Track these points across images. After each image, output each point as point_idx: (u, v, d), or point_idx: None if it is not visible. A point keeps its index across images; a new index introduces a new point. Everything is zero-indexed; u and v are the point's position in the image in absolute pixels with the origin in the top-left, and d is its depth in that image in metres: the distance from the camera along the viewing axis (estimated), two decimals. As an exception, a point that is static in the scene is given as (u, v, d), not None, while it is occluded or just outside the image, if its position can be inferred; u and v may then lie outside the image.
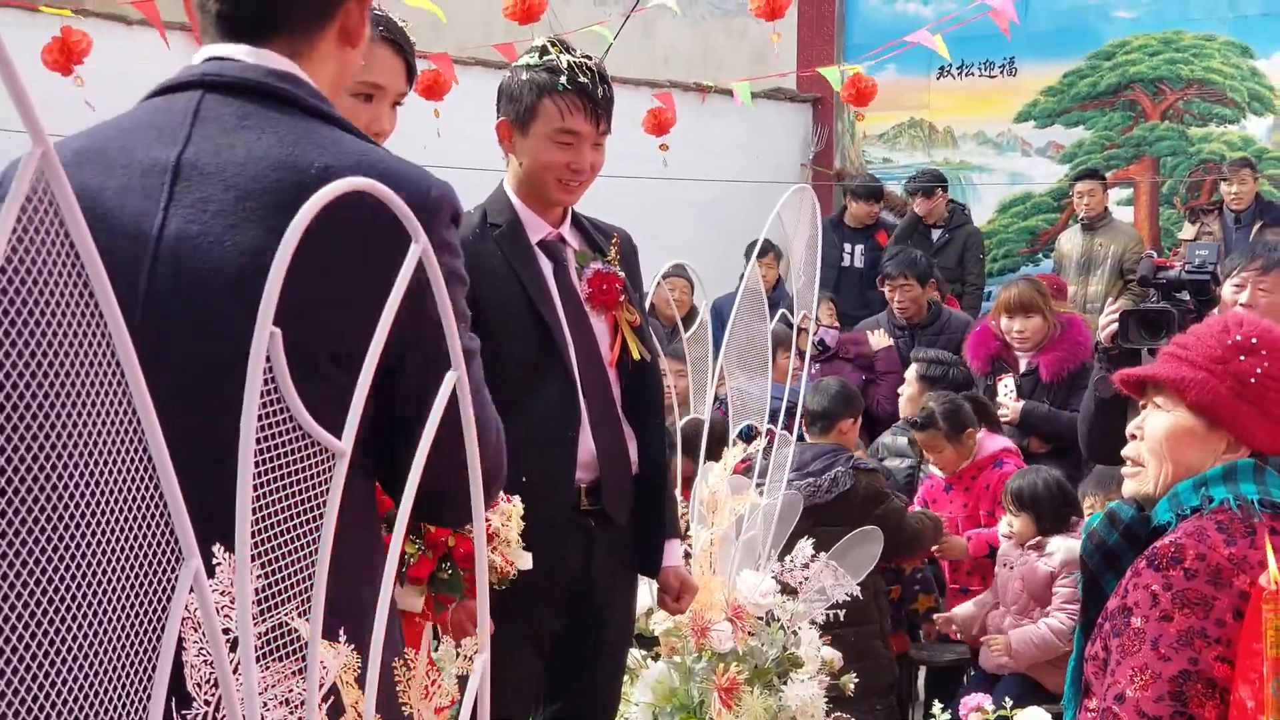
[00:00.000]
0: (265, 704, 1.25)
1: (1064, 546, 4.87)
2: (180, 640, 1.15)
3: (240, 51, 1.82)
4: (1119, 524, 2.40)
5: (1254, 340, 2.34)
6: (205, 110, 1.78)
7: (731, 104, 9.27)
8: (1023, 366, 6.24)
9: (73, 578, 1.22)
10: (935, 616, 5.48)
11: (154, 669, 1.13)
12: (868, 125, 10.91)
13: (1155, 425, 2.39)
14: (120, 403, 1.19)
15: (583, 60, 3.21)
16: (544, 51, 3.22)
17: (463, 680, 1.48)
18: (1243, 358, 2.32)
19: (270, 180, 1.72)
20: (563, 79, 3.14)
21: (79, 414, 1.17)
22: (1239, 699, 2.08)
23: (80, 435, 1.18)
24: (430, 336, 1.51)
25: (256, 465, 1.26)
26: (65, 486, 1.21)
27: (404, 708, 1.52)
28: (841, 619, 4.77)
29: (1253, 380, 2.30)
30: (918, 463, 5.92)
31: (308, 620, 1.24)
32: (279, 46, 1.83)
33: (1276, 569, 1.99)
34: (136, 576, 1.25)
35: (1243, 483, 2.25)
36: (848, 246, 9.58)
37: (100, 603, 1.22)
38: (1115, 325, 3.64)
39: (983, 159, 10.88)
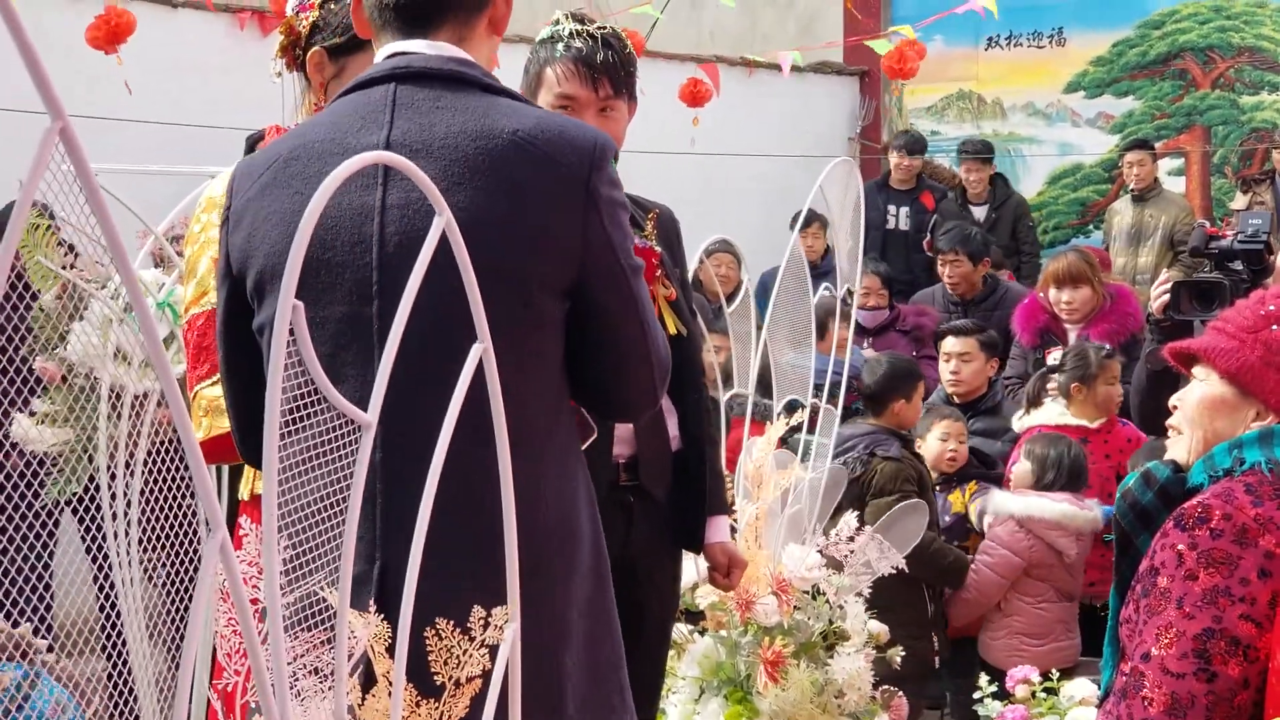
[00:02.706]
0: (294, 673, 1.26)
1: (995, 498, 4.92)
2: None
3: (420, 45, 2.11)
4: (1154, 484, 2.40)
5: None
6: (401, 98, 2.05)
7: (778, 78, 9.24)
8: (1072, 338, 6.17)
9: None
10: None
11: (183, 638, 1.14)
12: (915, 98, 10.84)
13: (1191, 394, 2.40)
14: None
15: (590, 28, 3.19)
16: (555, 24, 3.21)
17: (494, 650, 1.48)
18: (1275, 327, 2.32)
19: (471, 149, 1.99)
20: (560, 46, 3.13)
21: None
22: (1279, 664, 2.08)
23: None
24: (603, 261, 2.01)
25: (285, 436, 1.27)
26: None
27: (435, 676, 1.53)
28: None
29: None
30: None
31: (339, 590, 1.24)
32: (447, 35, 2.13)
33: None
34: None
35: (1277, 447, 2.24)
36: (892, 209, 9.47)
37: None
38: (1167, 297, 3.60)
39: (1032, 130, 10.78)
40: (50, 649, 4.52)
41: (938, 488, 5.26)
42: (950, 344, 5.89)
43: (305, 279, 1.77)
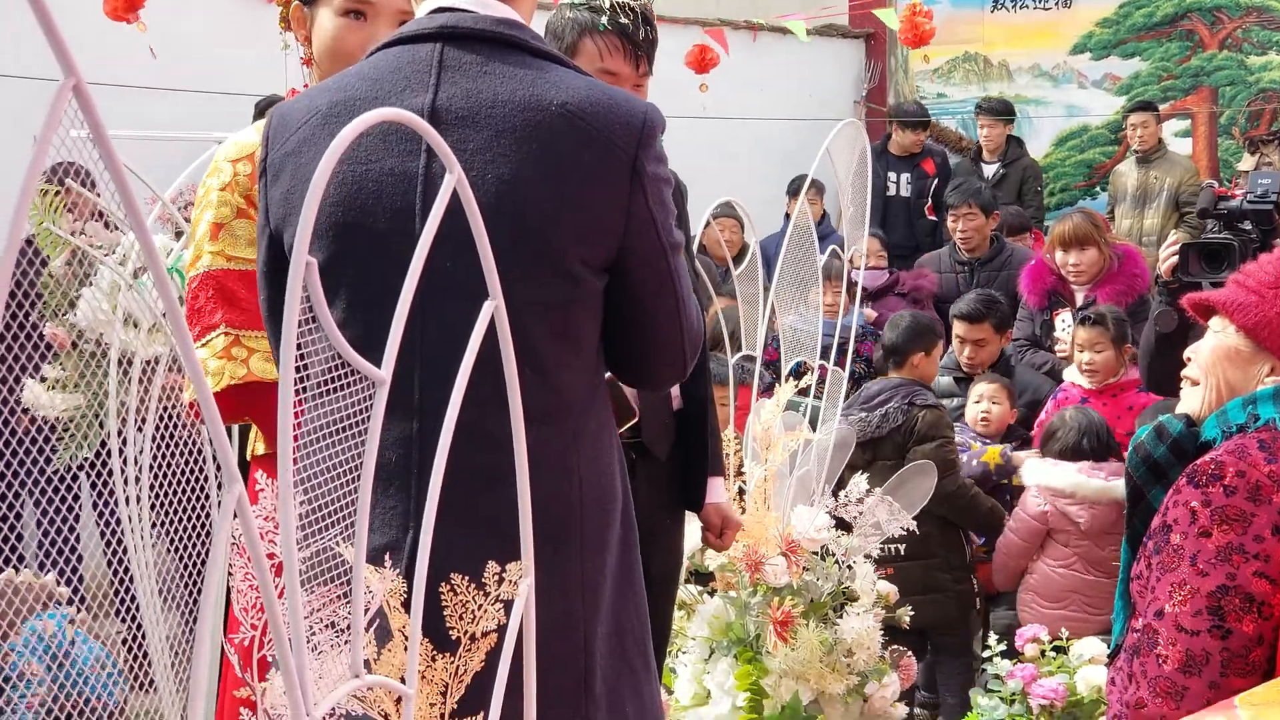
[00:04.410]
0: (311, 628, 1.26)
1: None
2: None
3: (468, 2, 2.05)
4: (1166, 438, 2.41)
5: None
6: (448, 59, 2.00)
7: (783, 41, 9.21)
8: (1080, 300, 6.17)
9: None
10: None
11: (200, 592, 1.15)
12: (922, 60, 10.80)
13: (1205, 344, 2.41)
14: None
15: (631, 1, 3.20)
16: None
17: (508, 606, 1.49)
18: None
19: (518, 120, 1.95)
20: (604, 19, 3.13)
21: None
22: None
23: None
24: (644, 239, 1.99)
25: (302, 391, 1.27)
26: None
27: (450, 632, 1.54)
28: (901, 553, 4.87)
29: None
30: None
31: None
32: None
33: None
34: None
35: None
36: (893, 175, 9.45)
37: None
38: (1175, 258, 3.59)
39: (1038, 92, 10.73)
40: (79, 608, 4.56)
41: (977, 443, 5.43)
42: (963, 329, 5.93)
43: (347, 246, 1.77)
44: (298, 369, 1.22)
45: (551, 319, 1.97)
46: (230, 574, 1.69)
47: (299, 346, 1.21)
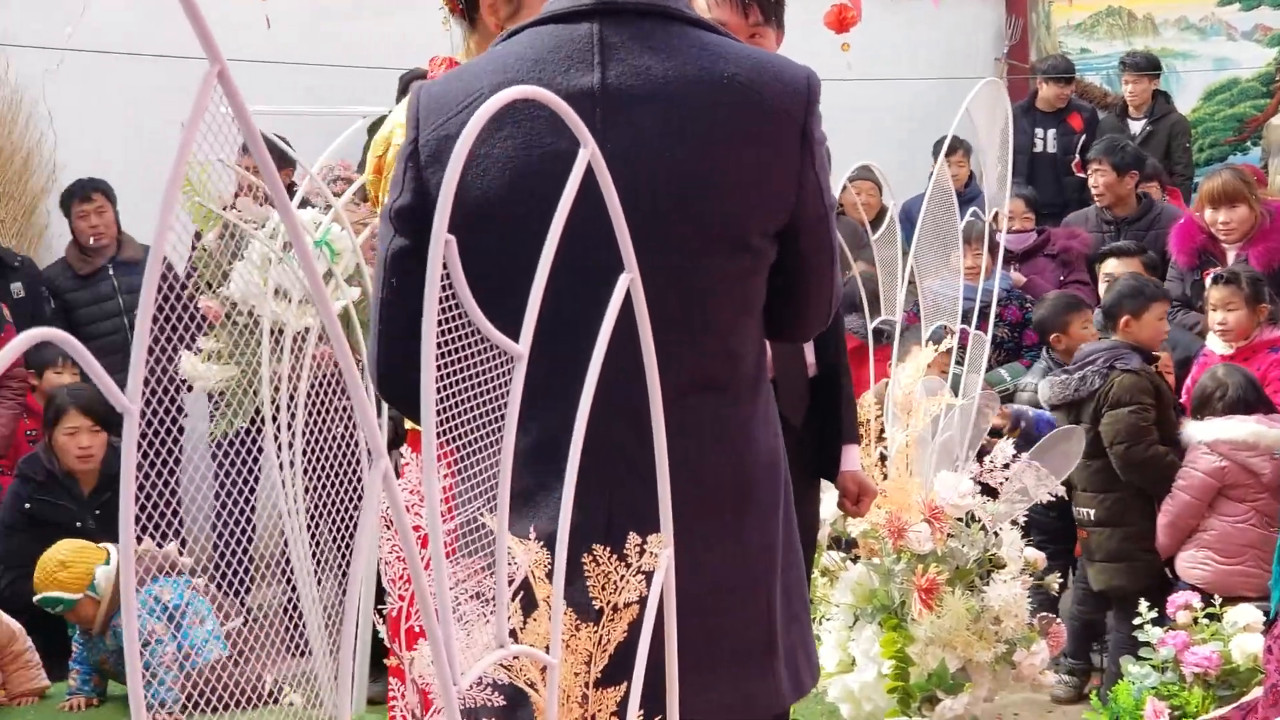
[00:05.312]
0: (457, 599, 1.29)
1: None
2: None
3: None
4: None
5: None
6: (607, 37, 1.97)
7: (922, 1, 9.09)
8: (1230, 259, 6.02)
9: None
10: None
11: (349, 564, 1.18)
12: (1065, 15, 10.58)
13: None
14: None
15: None
16: None
17: (649, 576, 1.51)
18: None
19: (691, 93, 1.94)
20: None
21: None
22: None
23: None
24: (812, 206, 1.99)
25: (443, 368, 1.30)
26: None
27: (594, 601, 1.56)
28: (1091, 518, 4.92)
29: None
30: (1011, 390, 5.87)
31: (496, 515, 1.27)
32: None
33: None
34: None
35: None
36: (1039, 132, 9.26)
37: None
38: None
39: (1185, 45, 10.46)
40: (194, 571, 4.69)
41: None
42: (1113, 265, 5.90)
43: (522, 228, 1.76)
44: (459, 345, 1.24)
45: (735, 292, 1.99)
46: (379, 546, 1.72)
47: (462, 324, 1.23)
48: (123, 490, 0.90)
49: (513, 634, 1.30)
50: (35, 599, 4.95)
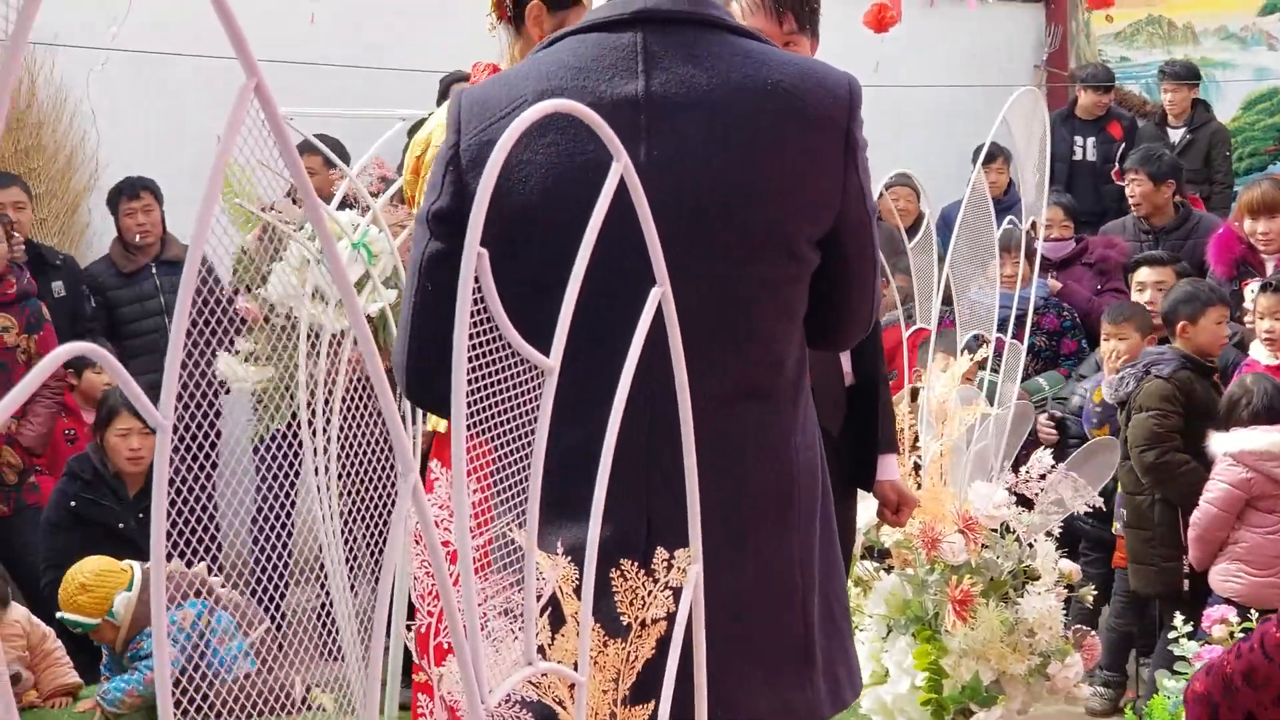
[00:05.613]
0: (485, 614, 1.29)
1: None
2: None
3: None
4: None
5: None
6: (651, 45, 1.97)
7: (961, 8, 9.05)
8: (1269, 269, 5.98)
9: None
10: None
11: (378, 579, 1.18)
12: (1103, 24, 10.52)
13: None
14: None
15: None
16: None
17: (677, 592, 1.50)
18: None
19: (736, 101, 1.94)
20: None
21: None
22: None
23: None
24: (855, 211, 2.00)
25: (475, 381, 1.30)
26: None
27: (621, 617, 1.56)
28: (1125, 519, 5.02)
29: None
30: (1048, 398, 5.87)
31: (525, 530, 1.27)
32: None
33: None
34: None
35: None
36: (1078, 140, 9.22)
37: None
38: None
39: (1226, 55, 10.39)
40: (222, 584, 4.69)
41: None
42: (1145, 274, 5.92)
43: (564, 234, 1.74)
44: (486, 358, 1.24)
45: (778, 299, 2.00)
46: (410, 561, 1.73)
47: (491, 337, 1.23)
48: (155, 508, 0.90)
49: (541, 650, 1.30)
50: (56, 615, 4.97)
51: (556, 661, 1.37)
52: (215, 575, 4.70)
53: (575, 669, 1.29)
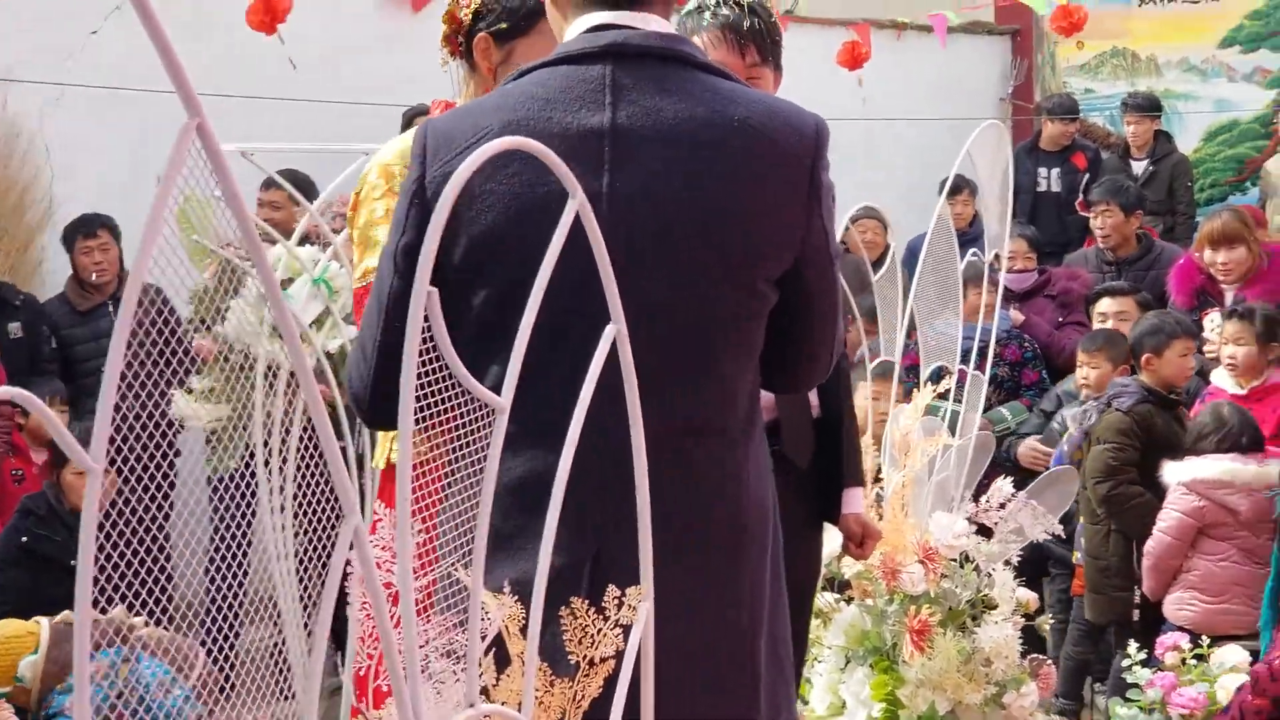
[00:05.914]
0: (427, 656, 1.28)
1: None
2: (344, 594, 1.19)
3: (627, 18, 2.02)
4: None
5: None
6: (620, 79, 1.97)
7: (928, 40, 9.12)
8: (1229, 300, 6.02)
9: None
10: None
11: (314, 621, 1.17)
12: (1069, 55, 10.61)
13: None
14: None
15: None
16: None
17: (627, 629, 1.50)
18: None
19: (701, 138, 1.94)
20: (707, 15, 3.12)
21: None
22: None
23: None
24: (817, 251, 2.00)
25: (429, 418, 1.29)
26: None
27: (570, 656, 1.55)
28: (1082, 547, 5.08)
29: None
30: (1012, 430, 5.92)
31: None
32: (658, 9, 2.05)
33: None
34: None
35: None
36: (1043, 171, 9.26)
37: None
38: None
39: (1187, 86, 10.48)
40: (145, 623, 4.62)
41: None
42: (1106, 304, 5.96)
43: (524, 263, 1.73)
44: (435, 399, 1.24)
45: (736, 334, 1.99)
46: (349, 602, 1.71)
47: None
48: (81, 553, 0.90)
49: (484, 691, 1.30)
50: None
51: (501, 703, 1.37)
52: (139, 615, 4.61)
53: (520, 710, 1.28)
